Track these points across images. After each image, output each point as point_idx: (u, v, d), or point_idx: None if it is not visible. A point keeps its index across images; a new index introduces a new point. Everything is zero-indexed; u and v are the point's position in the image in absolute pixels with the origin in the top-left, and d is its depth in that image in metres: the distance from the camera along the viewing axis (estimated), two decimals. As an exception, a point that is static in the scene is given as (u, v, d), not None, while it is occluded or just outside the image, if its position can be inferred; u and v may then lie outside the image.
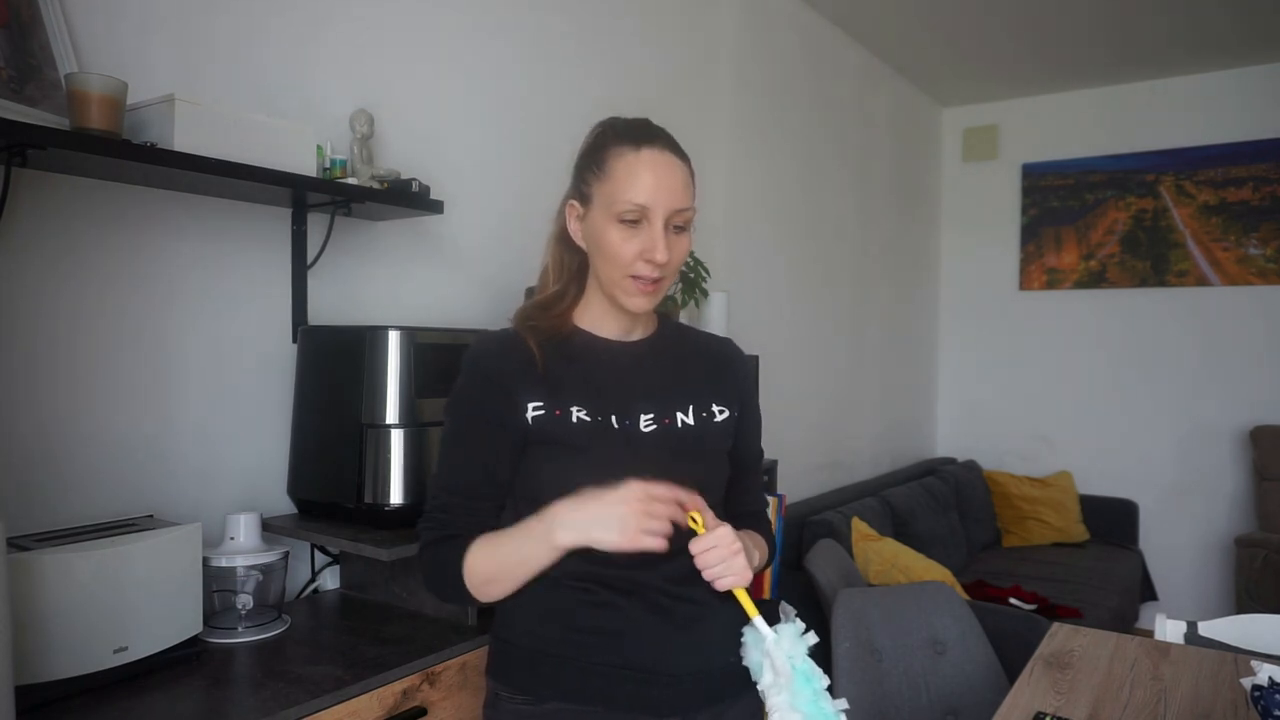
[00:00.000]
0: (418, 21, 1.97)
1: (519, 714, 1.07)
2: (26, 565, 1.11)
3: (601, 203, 1.06)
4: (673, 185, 1.05)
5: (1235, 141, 4.10)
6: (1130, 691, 1.39)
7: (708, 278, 2.37)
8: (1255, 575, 3.57)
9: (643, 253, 1.03)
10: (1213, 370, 4.15)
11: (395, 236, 1.93)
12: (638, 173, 1.04)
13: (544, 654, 1.07)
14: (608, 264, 1.06)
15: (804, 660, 1.00)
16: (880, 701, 2.07)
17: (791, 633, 1.01)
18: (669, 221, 1.04)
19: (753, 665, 1.04)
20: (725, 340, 1.27)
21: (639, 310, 1.08)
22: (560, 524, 0.98)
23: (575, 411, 1.06)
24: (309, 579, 1.72)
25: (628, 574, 1.05)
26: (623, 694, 1.05)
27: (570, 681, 1.05)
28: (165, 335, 1.53)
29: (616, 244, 1.04)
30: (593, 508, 0.98)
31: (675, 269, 1.08)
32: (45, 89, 1.29)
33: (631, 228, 1.04)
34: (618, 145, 1.06)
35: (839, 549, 2.72)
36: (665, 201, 1.04)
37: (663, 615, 1.06)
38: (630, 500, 0.96)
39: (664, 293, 1.09)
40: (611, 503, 0.97)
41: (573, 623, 1.06)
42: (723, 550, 1.00)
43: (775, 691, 0.99)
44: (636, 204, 1.03)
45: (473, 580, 1.04)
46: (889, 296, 4.31)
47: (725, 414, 1.15)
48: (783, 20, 3.35)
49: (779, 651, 1.00)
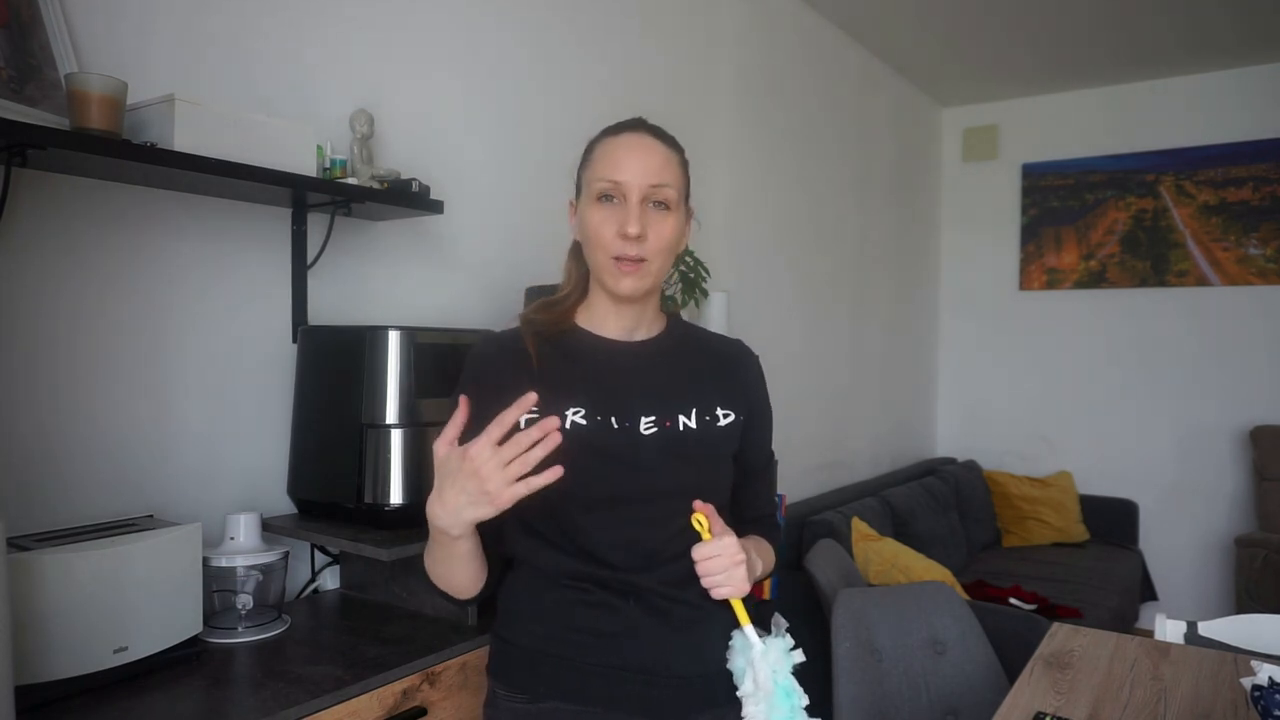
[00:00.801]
0: (418, 21, 1.97)
1: (516, 712, 1.08)
2: (26, 565, 1.11)
3: (585, 189, 1.09)
4: (648, 162, 1.05)
5: (1235, 141, 4.10)
6: (1130, 691, 1.39)
7: (708, 278, 2.37)
8: (1255, 575, 3.57)
9: (618, 229, 1.03)
10: (1213, 370, 4.15)
11: (395, 236, 1.93)
12: (612, 152, 1.06)
13: (542, 653, 1.07)
14: (592, 249, 1.07)
15: (787, 676, 1.00)
16: (880, 701, 2.07)
17: (779, 647, 1.01)
18: (646, 197, 1.05)
19: (736, 670, 1.04)
20: (735, 342, 1.25)
21: (626, 293, 1.06)
22: (439, 525, 0.95)
23: (571, 414, 1.05)
24: (309, 579, 1.72)
25: (625, 576, 1.05)
26: (620, 695, 1.05)
27: (568, 681, 1.05)
28: (165, 335, 1.53)
29: (596, 224, 1.05)
30: (448, 493, 0.93)
31: (660, 250, 1.06)
32: (45, 89, 1.29)
33: (608, 206, 1.05)
34: (602, 137, 1.10)
35: (839, 549, 2.72)
36: (640, 176, 1.04)
37: (661, 617, 1.05)
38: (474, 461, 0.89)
39: (652, 276, 1.07)
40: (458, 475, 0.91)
41: (571, 623, 1.06)
42: (725, 560, 1.00)
43: (753, 702, 1.00)
44: (610, 179, 1.04)
45: (437, 582, 1.08)
46: (889, 296, 4.31)
47: (730, 417, 1.14)
48: (783, 21, 3.35)
49: (764, 663, 1.00)
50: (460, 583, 1.06)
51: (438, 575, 1.07)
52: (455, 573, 1.05)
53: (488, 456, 0.89)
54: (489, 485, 0.90)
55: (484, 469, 0.89)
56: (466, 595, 1.08)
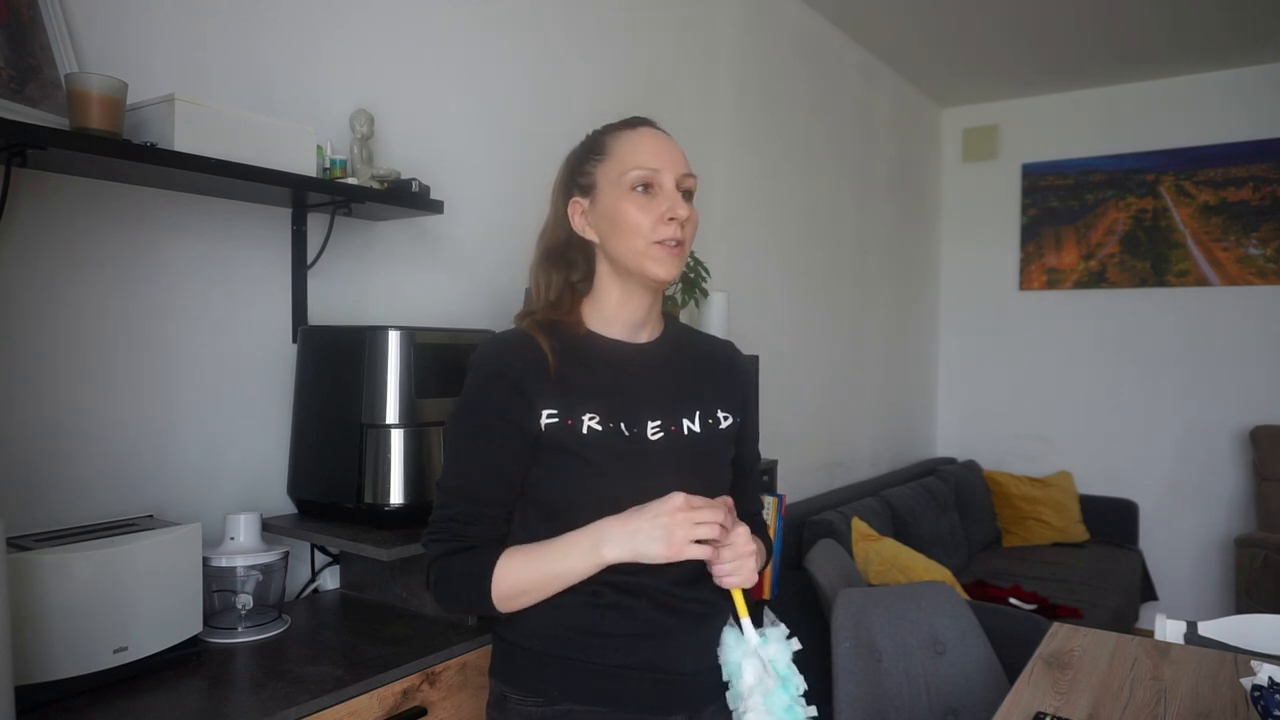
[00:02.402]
0: (418, 21, 1.97)
1: (530, 716, 1.07)
2: (26, 565, 1.11)
3: (609, 182, 1.08)
4: (675, 153, 1.09)
5: (1235, 141, 4.10)
6: (1130, 691, 1.39)
7: (708, 278, 2.37)
8: (1255, 575, 3.57)
9: (664, 214, 1.05)
10: (1213, 370, 4.15)
11: (395, 236, 1.93)
12: (640, 143, 1.08)
13: (554, 656, 1.06)
14: (629, 238, 1.06)
15: (787, 665, 1.03)
16: (880, 701, 2.07)
17: (777, 636, 1.04)
18: (680, 185, 1.08)
19: (729, 665, 1.05)
20: (727, 343, 1.26)
21: (671, 276, 1.07)
22: (607, 539, 0.99)
23: (587, 420, 1.05)
24: (309, 579, 1.72)
25: (635, 578, 1.04)
26: (633, 694, 1.05)
27: (581, 683, 1.05)
28: (165, 335, 1.53)
29: (634, 214, 1.05)
30: (637, 521, 0.99)
31: (691, 235, 1.09)
32: (45, 89, 1.29)
33: (646, 195, 1.06)
34: (614, 131, 1.11)
35: (839, 549, 2.72)
36: (674, 165, 1.08)
37: (671, 615, 1.06)
38: (674, 512, 0.97)
39: (685, 261, 1.11)
40: (656, 514, 0.98)
41: (582, 625, 1.05)
42: (738, 549, 1.02)
43: (753, 693, 1.01)
44: (648, 167, 1.06)
45: (501, 592, 1.02)
46: (889, 296, 4.31)
47: (730, 420, 1.15)
48: (783, 21, 3.35)
49: (764, 654, 1.02)
50: (534, 600, 1.04)
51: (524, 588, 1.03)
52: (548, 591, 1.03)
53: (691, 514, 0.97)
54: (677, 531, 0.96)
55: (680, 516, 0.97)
56: (509, 611, 1.06)
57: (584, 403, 1.06)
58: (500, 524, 1.07)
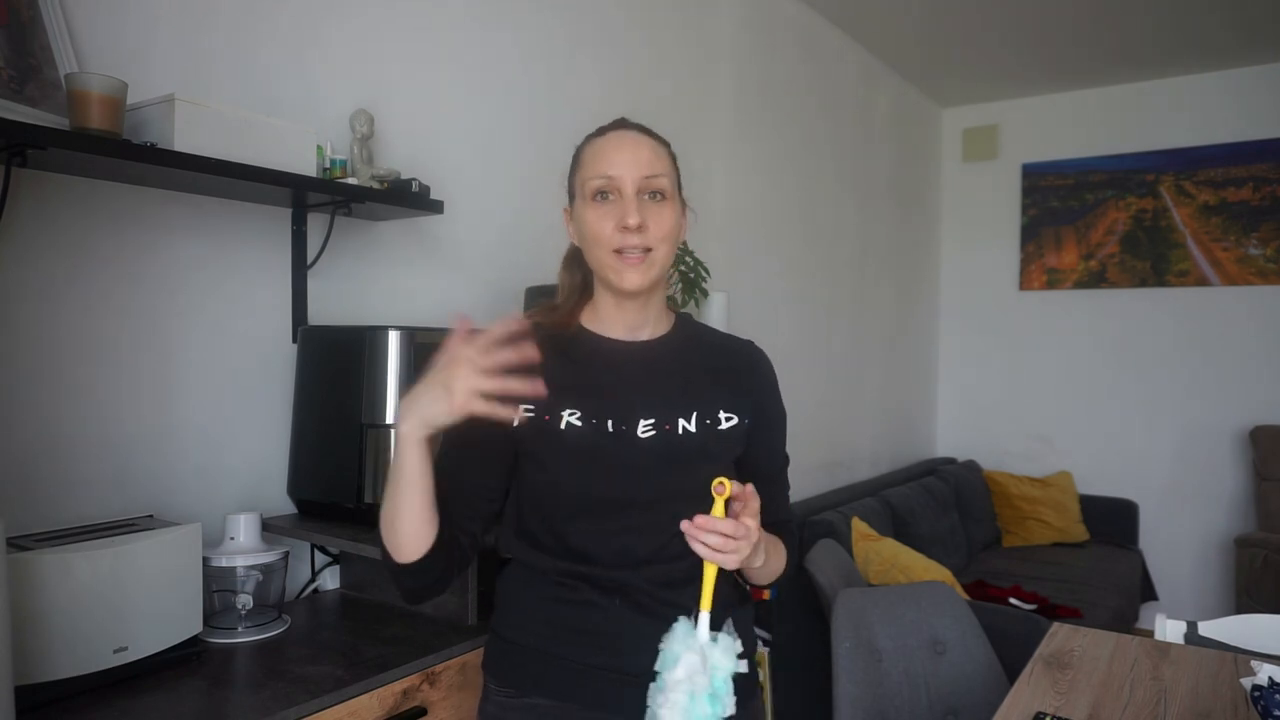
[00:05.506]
0: (418, 21, 1.97)
1: (502, 706, 1.10)
2: (26, 565, 1.11)
3: (578, 191, 1.09)
4: (638, 155, 1.06)
5: (1235, 141, 4.10)
6: (1130, 691, 1.39)
7: (708, 278, 2.36)
8: (1255, 575, 3.57)
9: (617, 223, 1.04)
10: (1213, 370, 4.15)
11: (395, 236, 1.93)
12: (602, 150, 1.08)
13: (530, 649, 1.08)
14: (592, 248, 1.06)
15: (725, 681, 0.95)
16: (880, 701, 2.07)
17: (729, 647, 0.96)
18: (641, 189, 1.05)
19: (667, 654, 0.96)
20: (745, 342, 1.22)
21: (632, 287, 1.05)
22: (399, 422, 0.95)
23: (567, 416, 1.05)
24: (309, 579, 1.72)
25: (612, 574, 1.05)
26: (599, 694, 1.05)
27: (550, 677, 1.06)
28: (165, 335, 1.53)
29: (594, 222, 1.05)
30: (419, 388, 0.94)
31: (663, 239, 1.05)
32: (45, 89, 1.29)
33: (604, 203, 1.05)
34: (588, 139, 1.12)
35: (839, 549, 2.72)
36: (632, 169, 1.05)
37: (648, 617, 1.04)
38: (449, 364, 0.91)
39: (657, 267, 1.06)
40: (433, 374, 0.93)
41: (558, 620, 1.07)
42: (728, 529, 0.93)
43: (678, 687, 0.93)
44: (603, 175, 1.05)
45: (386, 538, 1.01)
46: (889, 296, 4.31)
47: (733, 421, 1.11)
48: (782, 21, 3.35)
49: (711, 655, 0.94)
50: (402, 535, 0.99)
51: (384, 521, 1.00)
52: (399, 519, 0.98)
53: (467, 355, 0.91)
54: (455, 382, 0.90)
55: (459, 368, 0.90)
56: (403, 556, 1.00)
57: (567, 400, 1.05)
58: (475, 527, 1.07)
